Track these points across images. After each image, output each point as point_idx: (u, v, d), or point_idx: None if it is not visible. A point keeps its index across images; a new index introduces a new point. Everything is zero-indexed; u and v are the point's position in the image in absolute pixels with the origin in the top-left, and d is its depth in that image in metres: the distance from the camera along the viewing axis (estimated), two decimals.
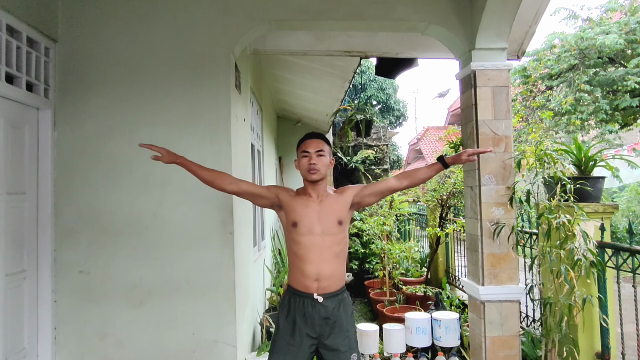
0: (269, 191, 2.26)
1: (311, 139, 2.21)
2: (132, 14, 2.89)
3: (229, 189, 2.23)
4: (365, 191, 2.26)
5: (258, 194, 2.27)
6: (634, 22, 8.62)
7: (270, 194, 2.25)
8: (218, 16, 2.93)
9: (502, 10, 2.86)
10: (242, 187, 2.25)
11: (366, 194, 2.26)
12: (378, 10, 3.04)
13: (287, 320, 2.14)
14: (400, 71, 4.39)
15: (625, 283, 2.96)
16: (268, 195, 2.25)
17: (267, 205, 2.30)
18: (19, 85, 2.48)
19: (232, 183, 2.23)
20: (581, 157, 3.19)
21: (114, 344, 2.75)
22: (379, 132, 10.30)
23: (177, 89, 2.86)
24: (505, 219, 2.95)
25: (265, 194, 2.26)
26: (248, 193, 2.27)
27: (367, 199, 2.27)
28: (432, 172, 2.31)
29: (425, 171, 2.30)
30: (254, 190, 2.28)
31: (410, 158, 24.16)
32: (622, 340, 2.70)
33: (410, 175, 2.31)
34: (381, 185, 2.30)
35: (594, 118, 9.10)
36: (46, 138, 2.74)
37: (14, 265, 2.48)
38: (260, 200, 2.28)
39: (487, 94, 3.01)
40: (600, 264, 2.67)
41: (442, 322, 3.41)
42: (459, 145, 3.43)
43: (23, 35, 2.50)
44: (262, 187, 2.31)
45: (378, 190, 2.28)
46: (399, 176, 2.32)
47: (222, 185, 2.22)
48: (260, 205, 2.36)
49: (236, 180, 2.26)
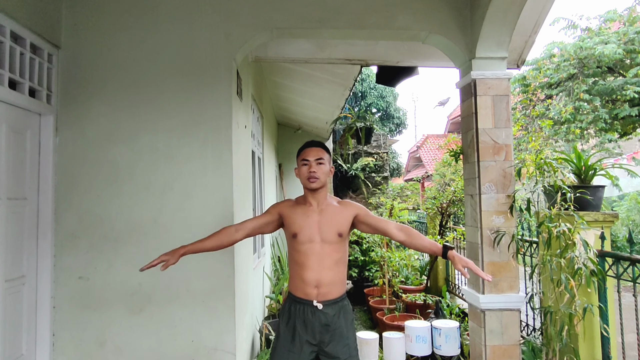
0: (272, 215, 2.27)
1: (311, 147, 2.22)
2: (135, 21, 2.91)
3: (239, 238, 2.22)
4: (366, 219, 2.23)
5: (264, 224, 2.27)
6: (632, 32, 8.68)
7: (274, 216, 2.26)
8: (220, 24, 2.95)
9: (502, 20, 2.89)
10: (249, 227, 2.24)
11: (365, 222, 2.23)
12: (379, 19, 3.07)
13: (287, 327, 2.14)
14: (400, 79, 4.42)
15: (626, 292, 2.96)
16: (272, 219, 2.26)
17: (276, 227, 2.30)
18: (21, 91, 2.49)
19: (237, 231, 2.21)
20: (581, 165, 3.20)
21: (113, 350, 2.73)
22: (379, 139, 10.32)
23: (179, 95, 2.88)
24: (505, 227, 2.95)
25: (269, 219, 2.26)
26: (256, 229, 2.27)
27: (363, 226, 2.25)
28: (429, 249, 2.19)
29: (425, 242, 2.21)
30: (259, 223, 2.28)
31: (410, 166, 24.19)
32: (622, 350, 2.69)
33: (411, 235, 2.21)
34: (382, 225, 2.25)
35: (594, 127, 9.12)
36: (48, 144, 2.75)
37: (13, 270, 2.47)
38: (268, 227, 2.29)
39: (488, 102, 3.03)
40: (600, 273, 2.67)
41: (442, 330, 3.39)
42: (459, 154, 3.43)
43: (27, 41, 2.52)
44: (264, 215, 2.29)
45: (376, 226, 2.24)
46: (402, 229, 2.24)
47: (232, 240, 2.21)
48: (271, 231, 2.35)
49: (240, 226, 2.24)
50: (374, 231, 2.30)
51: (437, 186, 5.87)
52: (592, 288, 2.78)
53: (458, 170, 5.42)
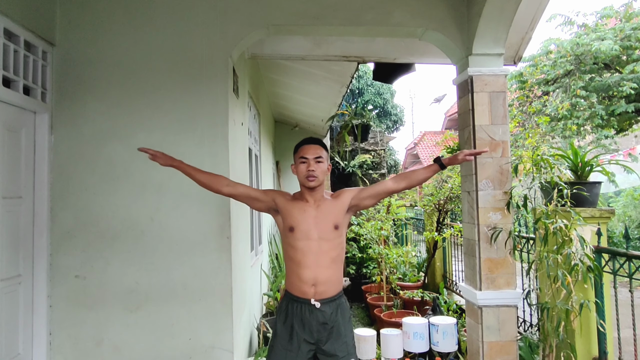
0: (266, 195, 2.26)
1: (309, 144, 2.21)
2: (130, 18, 2.89)
3: (225, 191, 2.23)
4: (362, 194, 2.25)
5: (254, 197, 2.27)
6: (629, 29, 8.69)
7: (267, 197, 2.25)
8: (216, 21, 2.94)
9: (499, 16, 2.88)
10: (239, 190, 2.25)
11: (363, 197, 2.25)
12: (376, 15, 3.06)
13: (284, 325, 2.14)
14: (397, 76, 4.41)
15: (622, 288, 2.97)
16: (264, 199, 2.25)
17: (263, 209, 2.30)
18: (16, 89, 2.47)
19: (228, 185, 2.23)
20: (578, 162, 3.20)
21: (110, 349, 2.73)
22: (376, 136, 10.32)
23: (174, 93, 2.86)
24: (502, 223, 2.96)
25: (261, 197, 2.26)
26: (244, 196, 2.27)
27: (364, 201, 2.26)
28: (429, 173, 2.30)
29: (422, 172, 2.29)
30: (251, 193, 2.28)
31: (408, 163, 24.20)
32: (619, 345, 2.70)
33: (407, 176, 2.30)
34: (378, 187, 2.29)
35: (590, 123, 9.15)
36: (43, 142, 2.73)
37: (9, 269, 2.46)
38: (257, 203, 2.28)
39: (484, 99, 3.03)
40: (597, 268, 2.68)
41: (440, 327, 3.40)
42: (456, 150, 3.44)
43: (21, 39, 2.50)
44: (259, 191, 2.32)
45: (375, 193, 2.27)
46: (396, 178, 2.31)
47: (219, 188, 2.22)
48: (257, 208, 2.36)
49: (233, 182, 2.26)
50: (377, 198, 2.31)
51: (434, 183, 5.87)
52: (589, 284, 2.79)
53: (455, 167, 5.42)
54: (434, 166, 2.28)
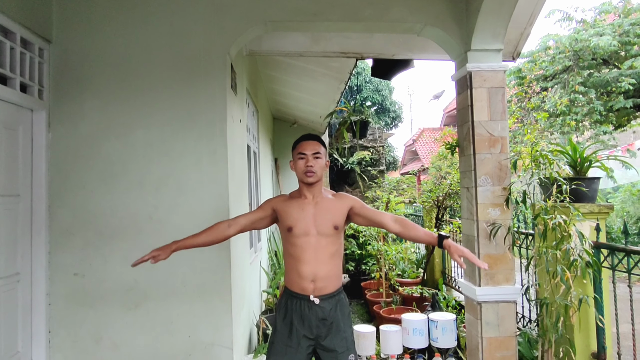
0: (265, 210, 2.26)
1: (307, 140, 2.20)
2: (127, 14, 2.87)
3: (232, 233, 2.21)
4: (362, 211, 2.23)
5: (257, 219, 2.26)
6: (627, 24, 8.68)
7: (266, 212, 2.25)
8: (214, 17, 2.92)
9: (498, 11, 2.87)
10: (242, 224, 2.23)
11: (361, 215, 2.23)
12: (374, 11, 3.04)
13: (284, 322, 2.14)
14: (396, 72, 4.40)
15: (621, 283, 2.98)
16: (265, 215, 2.25)
17: (270, 222, 2.29)
18: (12, 87, 2.46)
19: (230, 227, 2.20)
20: (576, 157, 3.20)
21: (109, 347, 2.73)
22: (374, 133, 10.31)
23: (172, 90, 2.85)
24: (501, 219, 2.96)
25: (262, 215, 2.25)
26: (249, 224, 2.26)
27: (358, 218, 2.25)
28: (426, 239, 2.22)
29: (421, 234, 2.22)
30: (252, 218, 2.26)
31: (406, 159, 24.21)
32: (617, 340, 2.71)
33: (407, 227, 2.21)
34: (377, 217, 2.25)
35: (589, 119, 9.15)
36: (40, 140, 2.72)
37: (7, 268, 2.45)
38: (261, 222, 2.28)
39: (483, 95, 3.02)
40: (596, 264, 2.68)
41: (439, 323, 3.41)
42: (455, 146, 3.43)
43: (17, 36, 2.48)
44: (258, 211, 2.28)
45: (372, 219, 2.25)
46: (397, 220, 2.24)
47: (224, 235, 2.20)
48: (264, 226, 2.33)
49: (232, 221, 2.23)
50: (369, 223, 2.30)
51: (433, 179, 5.87)
52: (588, 279, 2.79)
53: (454, 163, 5.42)
54: (434, 238, 2.17)
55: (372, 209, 2.29)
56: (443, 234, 2.17)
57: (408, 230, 2.21)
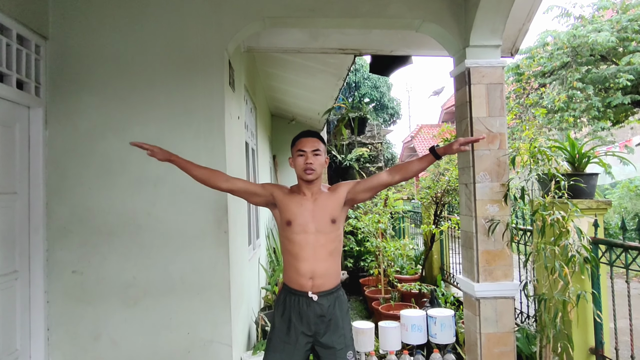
0: (264, 189, 2.25)
1: (307, 137, 2.20)
2: (124, 11, 2.85)
3: (223, 186, 2.21)
4: (358, 187, 2.23)
5: (253, 192, 2.26)
6: (625, 20, 8.68)
7: (265, 191, 2.24)
8: (211, 13, 2.91)
9: (496, 7, 2.86)
10: (237, 185, 2.23)
11: (359, 190, 2.24)
12: (372, 7, 3.03)
13: (282, 318, 2.14)
14: (394, 69, 4.39)
15: (618, 279, 2.99)
16: (263, 193, 2.24)
17: (262, 203, 2.29)
18: (9, 84, 2.45)
19: (226, 181, 2.21)
20: (574, 154, 3.21)
21: (108, 344, 2.73)
22: (373, 130, 10.30)
23: (170, 86, 2.84)
24: (499, 216, 2.96)
25: (260, 191, 2.25)
26: (243, 191, 2.25)
27: (360, 195, 2.25)
28: (424, 163, 2.25)
29: (417, 163, 2.26)
30: (249, 188, 2.27)
31: (405, 156, 24.21)
32: (615, 336, 2.72)
33: (403, 168, 2.26)
34: (374, 181, 2.26)
35: (587, 115, 9.16)
36: (37, 137, 2.70)
37: (5, 265, 2.44)
38: (255, 198, 2.27)
39: (481, 91, 3.01)
40: (594, 260, 2.69)
41: (438, 319, 3.41)
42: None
43: (13, 32, 2.47)
44: (257, 185, 2.30)
45: (371, 186, 2.25)
46: (391, 170, 2.28)
47: (217, 183, 2.20)
48: (255, 203, 2.35)
49: (230, 178, 2.24)
50: (373, 192, 2.29)
51: (431, 176, 5.88)
52: (586, 275, 2.80)
53: (452, 159, 5.42)
54: (429, 156, 2.22)
55: (366, 179, 2.28)
56: (433, 148, 2.23)
57: (407, 171, 2.25)
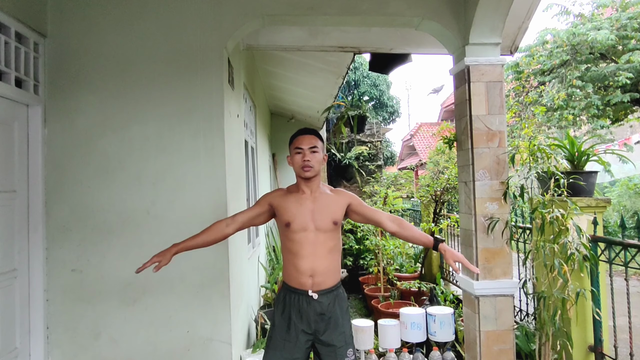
0: (262, 206, 2.25)
1: (304, 134, 2.19)
2: (123, 8, 2.84)
3: (230, 232, 2.20)
4: (359, 208, 2.25)
5: (255, 216, 2.26)
6: (625, 18, 8.68)
7: (264, 207, 2.24)
8: (210, 11, 2.90)
9: (496, 5, 2.86)
10: (240, 221, 2.22)
11: (358, 212, 2.25)
12: (371, 5, 3.02)
13: (282, 316, 2.14)
14: (394, 67, 4.38)
15: (618, 276, 2.99)
16: (263, 210, 2.25)
17: (268, 218, 2.29)
18: (7, 82, 2.44)
19: (229, 225, 2.19)
20: (574, 152, 3.21)
21: (108, 342, 2.73)
22: (372, 128, 10.30)
23: (169, 85, 2.83)
24: (499, 214, 2.96)
25: (260, 211, 2.25)
26: (248, 222, 2.26)
27: (355, 216, 2.27)
28: (421, 241, 2.27)
29: (418, 235, 2.27)
30: (250, 215, 2.26)
31: (404, 154, 24.22)
32: (614, 333, 2.73)
33: (403, 227, 2.25)
34: (374, 215, 2.28)
35: (586, 113, 9.16)
36: (36, 135, 2.70)
37: (4, 264, 2.44)
38: (259, 218, 2.28)
39: (481, 89, 3.01)
40: (593, 257, 2.69)
41: (437, 317, 3.42)
42: (453, 141, 3.43)
43: (11, 30, 2.46)
44: (255, 207, 2.27)
45: (369, 217, 2.27)
46: (394, 220, 2.27)
47: (223, 235, 2.19)
48: (263, 222, 2.34)
49: (231, 220, 2.22)
50: (366, 221, 2.32)
51: (430, 174, 5.88)
52: (585, 273, 2.80)
53: (452, 157, 5.42)
54: (430, 241, 2.23)
55: (369, 207, 2.30)
56: (438, 237, 2.22)
57: (404, 230, 2.24)
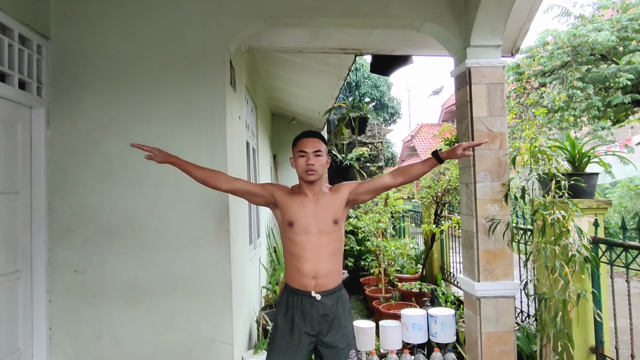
0: (264, 189, 2.25)
1: (308, 137, 2.19)
2: (126, 10, 2.86)
3: (223, 187, 2.21)
4: (360, 188, 2.25)
5: (253, 192, 2.26)
6: (625, 19, 8.67)
7: (265, 192, 2.24)
8: (212, 13, 2.91)
9: (497, 7, 2.87)
10: (237, 185, 2.23)
11: (361, 192, 2.25)
12: (373, 7, 3.04)
13: (285, 318, 2.14)
14: (395, 68, 4.39)
15: (619, 278, 2.99)
16: (263, 194, 2.24)
17: (262, 203, 2.29)
18: (11, 84, 2.45)
19: (226, 181, 2.21)
20: (575, 153, 3.21)
21: (110, 343, 2.74)
22: (373, 129, 10.30)
23: (171, 86, 2.84)
24: (500, 215, 2.96)
25: (260, 192, 2.25)
26: (243, 191, 2.26)
27: (362, 196, 2.27)
28: (427, 167, 2.28)
29: (419, 167, 2.28)
30: (249, 188, 2.27)
31: (405, 155, 24.21)
32: (615, 335, 2.73)
33: (405, 171, 2.29)
34: (376, 183, 2.28)
35: (587, 115, 9.15)
36: (39, 137, 2.71)
37: (7, 265, 2.45)
38: (255, 198, 2.28)
39: (482, 91, 3.02)
40: (594, 259, 2.69)
41: (438, 318, 3.42)
42: (454, 143, 3.43)
43: (15, 32, 2.47)
44: (257, 185, 2.30)
45: (373, 188, 2.27)
46: (393, 173, 2.30)
47: (217, 184, 2.20)
48: (255, 203, 2.36)
49: (231, 178, 2.24)
50: (374, 193, 2.32)
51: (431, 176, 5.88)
52: (586, 274, 2.81)
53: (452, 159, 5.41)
54: (432, 160, 2.26)
55: (368, 181, 2.30)
56: (434, 152, 2.27)
57: (409, 174, 2.28)
